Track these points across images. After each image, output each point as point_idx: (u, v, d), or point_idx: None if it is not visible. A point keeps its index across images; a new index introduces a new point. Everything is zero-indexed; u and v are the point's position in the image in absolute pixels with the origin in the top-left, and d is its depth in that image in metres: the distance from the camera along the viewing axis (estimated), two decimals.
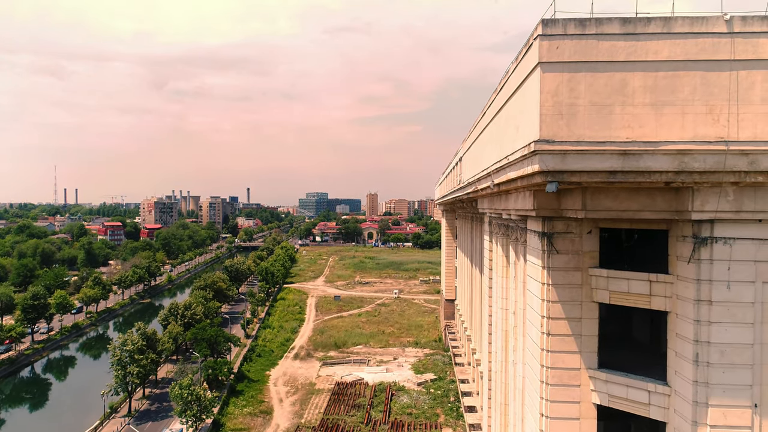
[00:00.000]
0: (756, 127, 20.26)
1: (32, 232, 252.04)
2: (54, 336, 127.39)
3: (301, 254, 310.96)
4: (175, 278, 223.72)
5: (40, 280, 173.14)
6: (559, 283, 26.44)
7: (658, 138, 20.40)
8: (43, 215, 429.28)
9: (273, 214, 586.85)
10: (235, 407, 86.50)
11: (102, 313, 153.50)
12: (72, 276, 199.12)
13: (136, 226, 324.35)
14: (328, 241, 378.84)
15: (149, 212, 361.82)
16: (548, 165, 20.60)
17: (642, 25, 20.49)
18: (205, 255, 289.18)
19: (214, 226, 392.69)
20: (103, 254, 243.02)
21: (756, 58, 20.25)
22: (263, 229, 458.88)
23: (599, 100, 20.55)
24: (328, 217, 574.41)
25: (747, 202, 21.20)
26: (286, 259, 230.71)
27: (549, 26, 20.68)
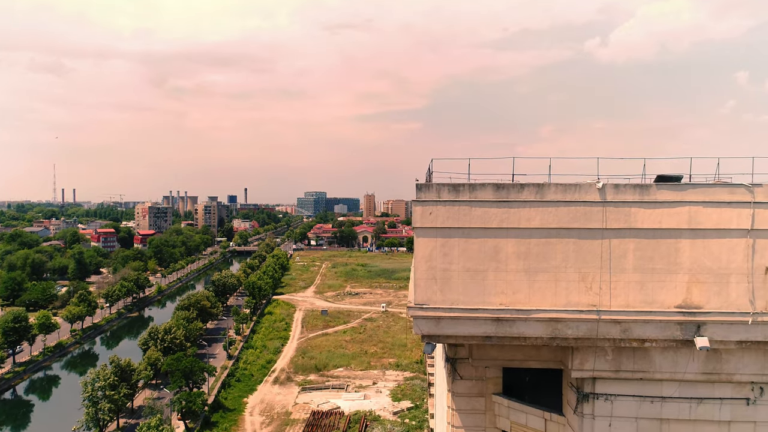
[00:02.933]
0: (629, 296, 20.26)
1: (24, 240, 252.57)
2: (36, 357, 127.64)
3: (294, 260, 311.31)
4: (166, 288, 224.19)
5: (28, 294, 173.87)
6: (462, 408, 26.47)
7: (532, 304, 20.41)
8: (38, 218, 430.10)
9: (270, 215, 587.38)
10: None
11: (88, 330, 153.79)
12: (62, 287, 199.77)
13: (129, 232, 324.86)
14: (322, 245, 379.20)
15: (143, 217, 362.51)
16: (423, 330, 20.63)
17: (515, 191, 20.46)
18: (198, 262, 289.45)
19: (209, 230, 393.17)
20: (95, 263, 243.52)
21: (628, 227, 20.23)
22: (259, 231, 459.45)
23: (473, 266, 20.55)
24: (325, 218, 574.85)
25: (626, 362, 21.23)
26: (276, 268, 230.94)
27: (423, 191, 20.68)
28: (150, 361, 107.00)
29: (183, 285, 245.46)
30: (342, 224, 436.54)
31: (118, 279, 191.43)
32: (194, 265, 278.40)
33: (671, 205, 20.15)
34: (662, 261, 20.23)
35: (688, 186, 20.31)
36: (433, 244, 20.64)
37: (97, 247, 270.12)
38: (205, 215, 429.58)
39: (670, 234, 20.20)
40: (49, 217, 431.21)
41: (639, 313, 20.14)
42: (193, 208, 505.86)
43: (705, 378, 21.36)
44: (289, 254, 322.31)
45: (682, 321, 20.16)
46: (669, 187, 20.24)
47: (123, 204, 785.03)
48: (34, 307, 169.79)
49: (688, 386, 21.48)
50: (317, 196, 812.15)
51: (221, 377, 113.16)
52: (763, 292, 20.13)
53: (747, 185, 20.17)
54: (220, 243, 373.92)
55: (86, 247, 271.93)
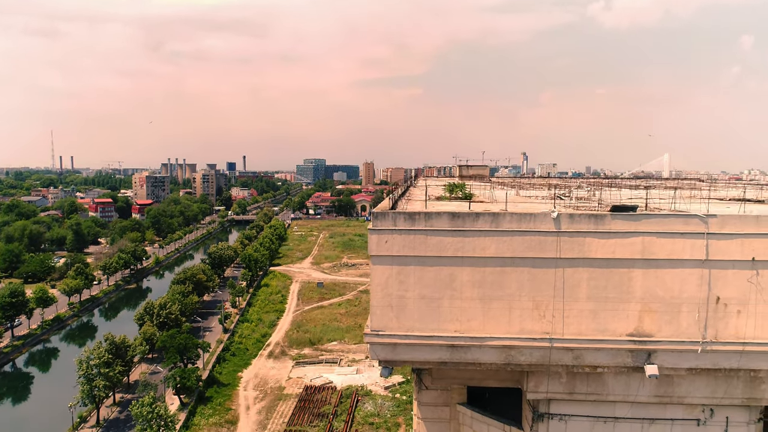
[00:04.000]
0: (581, 324, 20.50)
1: (21, 211, 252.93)
2: (35, 330, 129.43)
3: (292, 230, 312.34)
4: (163, 259, 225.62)
5: (26, 266, 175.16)
6: (428, 417, 27.09)
7: (486, 332, 20.68)
8: (36, 187, 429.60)
9: (269, 183, 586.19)
10: (202, 417, 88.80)
11: (85, 303, 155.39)
12: (60, 258, 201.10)
13: (127, 201, 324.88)
14: (321, 215, 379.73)
15: (141, 186, 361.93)
16: (379, 355, 20.96)
17: (471, 220, 20.48)
18: (196, 232, 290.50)
19: (207, 199, 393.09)
20: (93, 233, 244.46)
21: (582, 256, 20.32)
22: (258, 200, 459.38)
23: (428, 293, 20.74)
24: (324, 186, 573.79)
25: (579, 385, 21.61)
26: (273, 239, 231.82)
27: (379, 219, 20.70)
28: (146, 337, 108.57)
29: (181, 255, 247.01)
30: (341, 193, 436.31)
31: (115, 250, 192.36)
32: (192, 235, 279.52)
33: (625, 235, 20.20)
34: (615, 290, 20.40)
35: (643, 216, 20.32)
36: (389, 271, 20.78)
37: (95, 218, 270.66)
38: (203, 184, 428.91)
39: (623, 264, 20.31)
40: (48, 186, 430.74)
41: (591, 341, 20.42)
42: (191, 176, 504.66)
43: (657, 400, 21.79)
44: (287, 224, 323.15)
45: (633, 349, 20.47)
46: (624, 218, 20.26)
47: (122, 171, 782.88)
48: (33, 279, 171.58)
49: (640, 407, 21.93)
50: (316, 163, 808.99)
51: (216, 351, 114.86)
52: (713, 322, 20.37)
53: (702, 216, 20.18)
54: (218, 212, 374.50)
55: (84, 217, 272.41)
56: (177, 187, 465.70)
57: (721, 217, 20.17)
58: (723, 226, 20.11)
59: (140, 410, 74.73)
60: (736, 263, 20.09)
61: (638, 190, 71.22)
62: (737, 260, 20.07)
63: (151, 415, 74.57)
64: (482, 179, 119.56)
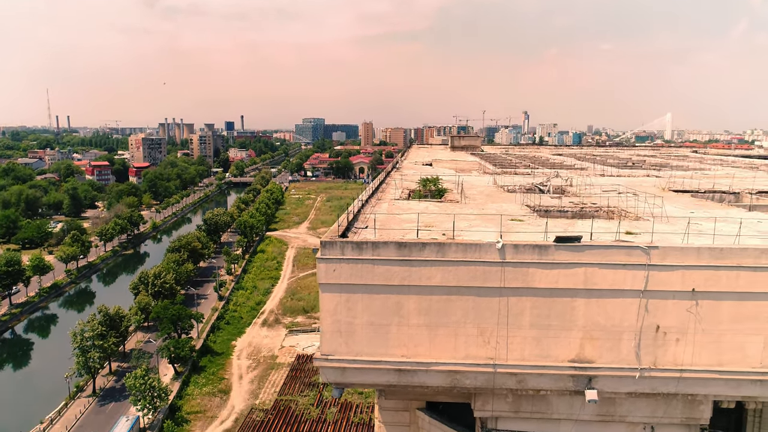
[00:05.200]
0: (524, 350, 21.04)
1: (18, 174, 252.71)
2: (32, 298, 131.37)
3: (290, 193, 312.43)
4: (161, 224, 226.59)
5: (23, 232, 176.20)
6: (388, 421, 28.03)
7: (432, 357, 21.26)
8: (33, 147, 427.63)
9: (267, 143, 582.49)
10: (195, 386, 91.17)
11: (83, 269, 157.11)
12: (57, 223, 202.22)
13: (124, 164, 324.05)
14: (319, 176, 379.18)
15: (138, 149, 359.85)
16: (329, 378, 21.60)
17: (417, 250, 20.75)
18: (194, 195, 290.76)
19: (204, 161, 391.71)
20: (90, 197, 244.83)
21: (526, 286, 20.69)
22: (256, 161, 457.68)
23: (376, 320, 21.21)
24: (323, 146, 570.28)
25: (525, 405, 22.35)
26: (270, 204, 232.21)
27: (327, 248, 20.99)
28: (141, 306, 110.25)
29: (178, 219, 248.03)
30: (339, 154, 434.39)
31: (112, 216, 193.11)
32: (189, 199, 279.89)
33: (568, 266, 20.50)
34: (558, 318, 20.84)
35: (586, 247, 20.57)
36: (338, 299, 21.19)
37: (91, 181, 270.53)
38: (200, 145, 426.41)
39: (566, 293, 20.69)
40: (44, 147, 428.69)
41: (534, 366, 21.01)
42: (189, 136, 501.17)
43: (599, 418, 22.55)
44: (284, 187, 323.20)
45: (575, 374, 21.06)
46: (567, 248, 20.51)
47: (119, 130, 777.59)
48: (30, 245, 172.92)
49: (583, 425, 22.71)
50: (315, 122, 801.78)
51: (211, 320, 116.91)
52: (653, 349, 20.89)
53: (644, 247, 20.43)
54: (215, 174, 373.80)
55: (81, 180, 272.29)
56: (174, 148, 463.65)
57: (663, 249, 20.42)
58: (665, 258, 20.38)
59: (134, 382, 76.80)
60: (677, 294, 20.45)
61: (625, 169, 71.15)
62: (677, 291, 20.42)
63: (144, 387, 76.64)
64: (474, 149, 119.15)
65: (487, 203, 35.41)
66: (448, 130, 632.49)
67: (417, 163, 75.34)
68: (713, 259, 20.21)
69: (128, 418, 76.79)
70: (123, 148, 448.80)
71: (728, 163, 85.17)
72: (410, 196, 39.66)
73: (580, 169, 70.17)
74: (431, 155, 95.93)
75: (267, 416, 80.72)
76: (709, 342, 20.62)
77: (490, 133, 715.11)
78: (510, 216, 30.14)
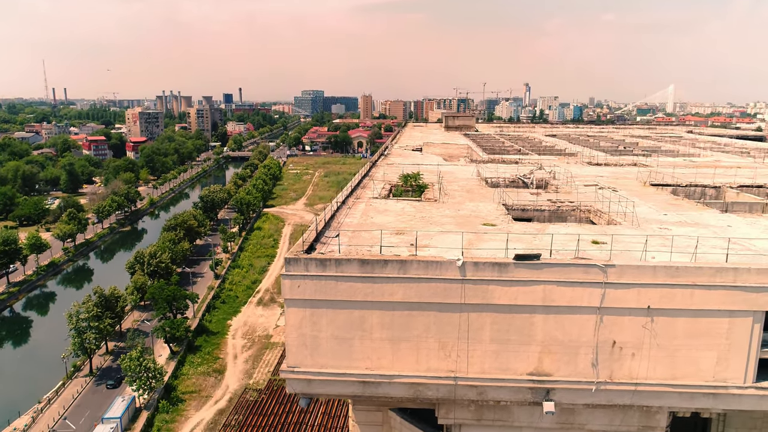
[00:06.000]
0: (484, 363, 21.60)
1: (14, 150, 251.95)
2: (30, 276, 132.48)
3: (288, 168, 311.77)
4: (158, 200, 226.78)
5: (20, 209, 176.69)
6: (362, 421, 28.83)
7: (395, 369, 21.84)
8: (30, 121, 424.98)
9: (265, 117, 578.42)
10: (191, 366, 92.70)
11: (80, 247, 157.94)
12: (54, 199, 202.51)
13: (121, 138, 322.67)
14: (317, 151, 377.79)
15: (134, 123, 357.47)
16: (295, 389, 22.24)
17: (379, 267, 21.12)
18: (191, 170, 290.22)
19: (202, 135, 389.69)
20: (87, 172, 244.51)
21: (486, 302, 21.13)
22: (254, 135, 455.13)
23: (340, 334, 21.73)
24: (322, 119, 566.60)
25: (487, 413, 23.04)
26: (267, 180, 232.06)
27: (291, 265, 21.36)
28: (137, 286, 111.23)
29: (176, 195, 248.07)
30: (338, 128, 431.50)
31: (109, 192, 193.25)
32: (187, 174, 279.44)
33: (527, 283, 20.90)
34: (517, 333, 21.35)
35: (545, 265, 20.93)
36: (303, 314, 21.67)
37: (88, 156, 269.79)
38: (198, 119, 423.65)
39: (525, 309, 21.15)
40: (41, 121, 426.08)
41: (494, 379, 21.60)
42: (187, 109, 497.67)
43: (559, 427, 23.26)
44: (282, 161, 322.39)
45: (533, 387, 21.68)
46: (526, 266, 20.88)
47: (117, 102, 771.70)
48: (28, 222, 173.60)
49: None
50: (314, 94, 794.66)
51: (207, 299, 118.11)
52: (609, 363, 21.44)
53: (601, 266, 20.80)
54: (213, 148, 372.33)
55: (78, 155, 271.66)
56: (172, 121, 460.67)
57: (620, 267, 20.80)
58: (621, 276, 20.77)
59: (128, 364, 78.15)
60: (633, 311, 20.91)
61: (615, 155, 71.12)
62: (633, 308, 20.88)
63: (139, 369, 78.02)
64: (468, 129, 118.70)
65: (465, 202, 35.66)
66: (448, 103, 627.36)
67: (407, 147, 75.29)
68: (669, 278, 20.60)
69: (124, 398, 78.39)
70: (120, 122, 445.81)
71: (720, 147, 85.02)
72: (391, 192, 39.95)
73: (570, 155, 70.20)
74: (424, 137, 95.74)
75: (261, 396, 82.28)
76: (664, 357, 21.16)
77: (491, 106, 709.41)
78: (483, 220, 30.44)
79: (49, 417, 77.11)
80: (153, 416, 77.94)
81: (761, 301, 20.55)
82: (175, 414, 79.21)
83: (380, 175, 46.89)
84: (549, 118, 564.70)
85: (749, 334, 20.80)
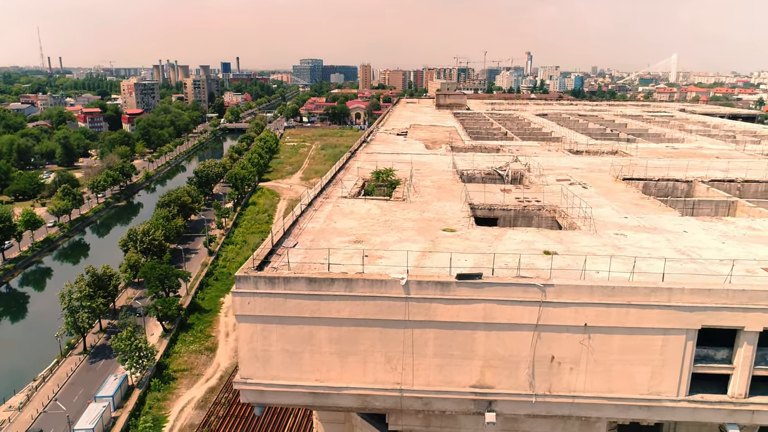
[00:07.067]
0: (429, 376, 22.46)
1: (8, 123, 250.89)
2: (25, 253, 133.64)
3: (285, 140, 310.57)
4: (154, 173, 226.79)
5: (15, 183, 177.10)
6: (326, 419, 29.98)
7: (343, 382, 22.73)
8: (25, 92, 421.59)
9: (263, 87, 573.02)
10: (183, 344, 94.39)
11: (75, 222, 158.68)
12: (50, 173, 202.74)
13: (117, 110, 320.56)
14: (314, 122, 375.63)
15: (130, 94, 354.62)
16: (249, 399, 23.17)
17: (326, 285, 21.77)
18: (188, 143, 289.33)
19: (199, 106, 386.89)
20: (83, 145, 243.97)
21: (429, 319, 21.84)
22: (251, 105, 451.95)
23: (290, 348, 22.54)
24: (320, 89, 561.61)
25: (435, 421, 24.03)
26: (263, 153, 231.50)
27: (242, 282, 22.03)
28: (130, 264, 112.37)
29: (172, 168, 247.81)
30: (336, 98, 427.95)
31: (104, 166, 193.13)
32: (183, 147, 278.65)
33: (469, 302, 21.59)
34: (459, 349, 22.15)
35: (485, 284, 21.56)
36: (254, 329, 22.44)
37: (84, 129, 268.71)
38: (194, 90, 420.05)
39: (467, 326, 21.90)
40: (36, 91, 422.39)
41: (438, 392, 22.48)
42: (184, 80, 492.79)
43: None
44: (279, 133, 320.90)
45: (476, 399, 22.58)
46: (468, 285, 21.51)
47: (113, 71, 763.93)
48: (23, 196, 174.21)
49: None
50: (313, 63, 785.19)
51: (200, 276, 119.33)
52: (548, 377, 22.28)
53: (540, 285, 21.43)
54: (210, 120, 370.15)
55: (73, 127, 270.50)
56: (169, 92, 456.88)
57: (558, 287, 21.44)
58: (559, 295, 21.43)
59: (119, 344, 79.69)
60: (570, 328, 21.64)
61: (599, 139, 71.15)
62: (571, 325, 21.60)
63: (130, 348, 79.58)
64: (459, 107, 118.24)
65: (433, 201, 36.15)
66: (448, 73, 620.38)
67: (393, 131, 75.33)
68: (605, 297, 21.27)
69: (116, 376, 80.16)
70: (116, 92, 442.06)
71: (708, 130, 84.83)
72: (363, 189, 40.38)
73: (554, 140, 70.27)
74: (413, 117, 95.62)
75: None
76: (600, 371, 21.97)
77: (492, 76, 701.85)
78: (445, 224, 30.98)
79: (43, 395, 79.05)
80: (145, 394, 79.84)
81: (694, 319, 21.26)
82: (166, 392, 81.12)
83: (357, 167, 47.23)
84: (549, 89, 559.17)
85: (682, 350, 21.57)
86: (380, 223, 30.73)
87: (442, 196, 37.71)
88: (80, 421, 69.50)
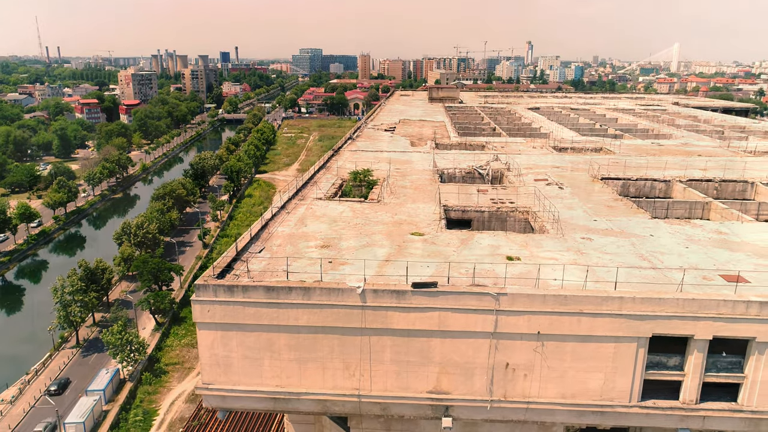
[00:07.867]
0: (387, 382, 22.87)
1: (5, 114, 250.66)
2: (21, 246, 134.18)
3: (282, 131, 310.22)
4: (151, 165, 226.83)
5: (11, 176, 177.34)
6: (295, 420, 30.45)
7: (303, 387, 23.16)
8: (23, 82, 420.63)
9: (262, 77, 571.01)
10: (175, 338, 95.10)
11: (71, 215, 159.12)
12: (47, 164, 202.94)
13: (114, 101, 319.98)
14: (313, 113, 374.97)
15: (127, 84, 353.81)
16: (211, 404, 23.61)
17: (284, 294, 22.12)
18: (185, 134, 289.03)
19: (197, 97, 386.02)
20: (80, 137, 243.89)
21: (385, 327, 22.22)
22: (250, 96, 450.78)
23: (251, 354, 22.94)
24: (319, 79, 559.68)
25: (395, 424, 24.49)
26: (260, 145, 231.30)
27: (201, 291, 22.37)
28: (124, 257, 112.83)
29: (170, 160, 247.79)
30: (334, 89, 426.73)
31: (101, 158, 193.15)
32: (181, 138, 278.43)
33: (424, 310, 21.94)
34: (416, 355, 22.53)
35: (440, 293, 21.90)
36: (214, 335, 22.82)
37: (81, 120, 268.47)
38: (193, 80, 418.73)
39: (422, 334, 22.27)
40: (34, 82, 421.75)
41: (395, 397, 22.90)
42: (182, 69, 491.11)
43: None
44: (277, 124, 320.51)
45: (432, 404, 22.99)
46: (423, 294, 21.85)
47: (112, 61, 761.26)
48: (19, 189, 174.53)
49: None
50: (313, 53, 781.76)
51: (194, 269, 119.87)
52: (503, 383, 22.68)
53: (494, 294, 21.76)
54: (208, 110, 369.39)
55: (70, 118, 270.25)
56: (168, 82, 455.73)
57: (512, 296, 21.77)
58: (513, 303, 21.77)
59: (111, 338, 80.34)
60: (524, 335, 22.00)
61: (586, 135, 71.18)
62: (525, 333, 21.95)
63: (121, 342, 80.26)
64: (452, 101, 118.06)
65: (407, 203, 36.41)
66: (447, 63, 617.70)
67: (380, 127, 75.42)
68: (558, 305, 21.60)
69: (108, 370, 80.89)
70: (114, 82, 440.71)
71: (698, 124, 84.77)
72: (341, 189, 40.64)
73: (542, 136, 70.35)
74: (404, 111, 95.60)
75: None
76: (554, 377, 22.36)
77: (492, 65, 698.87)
78: (415, 227, 31.26)
79: (35, 388, 79.82)
80: (136, 388, 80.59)
81: (645, 327, 21.61)
82: (157, 385, 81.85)
83: (337, 166, 47.46)
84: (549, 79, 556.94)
85: (634, 357, 21.94)
86: (351, 227, 31.04)
87: (418, 198, 37.97)
88: (71, 415, 70.22)
